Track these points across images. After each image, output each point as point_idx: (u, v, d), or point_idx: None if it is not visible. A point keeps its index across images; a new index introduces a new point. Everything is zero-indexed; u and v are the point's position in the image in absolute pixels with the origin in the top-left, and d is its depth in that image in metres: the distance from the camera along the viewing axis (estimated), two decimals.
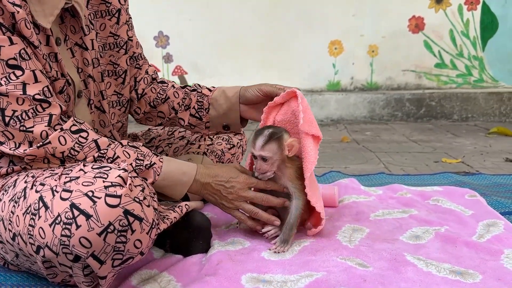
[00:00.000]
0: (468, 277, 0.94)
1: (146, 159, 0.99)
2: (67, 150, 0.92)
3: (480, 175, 1.78)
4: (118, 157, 0.96)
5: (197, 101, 1.26)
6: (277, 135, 1.06)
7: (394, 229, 1.21)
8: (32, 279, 0.98)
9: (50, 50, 0.97)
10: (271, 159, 1.06)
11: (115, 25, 1.16)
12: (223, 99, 1.23)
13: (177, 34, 3.49)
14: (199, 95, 1.26)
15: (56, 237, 0.77)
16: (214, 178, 1.06)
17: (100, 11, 1.13)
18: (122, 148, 0.98)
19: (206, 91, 1.27)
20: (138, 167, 0.97)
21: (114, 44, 1.16)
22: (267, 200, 1.08)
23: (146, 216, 0.81)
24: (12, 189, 0.90)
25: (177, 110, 1.27)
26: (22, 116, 0.88)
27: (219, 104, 1.24)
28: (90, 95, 1.09)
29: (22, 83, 0.88)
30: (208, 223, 1.11)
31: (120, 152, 0.97)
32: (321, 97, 3.40)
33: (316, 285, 0.90)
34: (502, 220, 1.24)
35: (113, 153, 0.96)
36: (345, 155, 2.29)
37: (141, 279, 0.95)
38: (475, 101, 3.33)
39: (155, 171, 0.99)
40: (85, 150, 0.93)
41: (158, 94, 1.28)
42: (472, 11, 3.36)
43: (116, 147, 0.97)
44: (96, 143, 0.95)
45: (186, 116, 1.27)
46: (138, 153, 0.99)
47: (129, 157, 0.97)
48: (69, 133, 0.92)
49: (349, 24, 3.42)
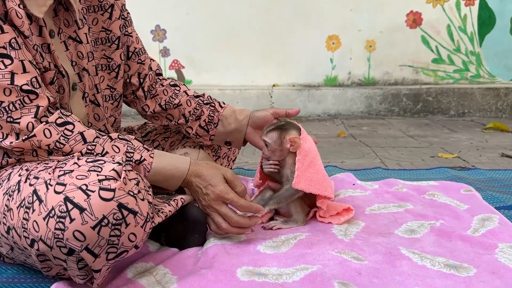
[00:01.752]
0: (462, 271, 0.94)
1: (137, 153, 0.97)
2: (53, 143, 0.91)
3: (476, 170, 1.79)
4: (107, 152, 0.94)
5: (208, 115, 1.30)
6: (283, 127, 1.17)
7: (389, 223, 1.21)
8: (28, 272, 0.98)
9: (42, 41, 0.96)
10: (271, 146, 1.17)
11: (108, 20, 1.16)
12: (232, 119, 1.30)
13: (174, 28, 3.48)
14: (212, 109, 1.31)
15: (50, 231, 0.76)
16: (197, 178, 1.02)
17: (93, 6, 1.13)
18: (112, 142, 0.96)
19: (218, 107, 1.32)
20: (128, 163, 0.95)
21: (106, 39, 1.16)
22: (236, 223, 1.02)
23: (140, 210, 0.81)
24: (6, 182, 0.90)
25: (188, 119, 1.30)
26: (9, 107, 0.88)
27: (228, 122, 1.30)
28: (84, 88, 1.09)
29: (10, 72, 0.87)
30: (204, 216, 1.11)
31: (109, 147, 0.95)
32: (319, 92, 3.40)
33: (311, 278, 0.90)
34: (497, 215, 1.24)
35: (101, 149, 0.94)
36: (342, 149, 2.29)
37: (136, 272, 0.95)
38: (471, 96, 3.34)
39: (145, 167, 0.97)
40: (70, 143, 0.92)
41: (170, 97, 1.30)
42: (469, 6, 3.36)
43: (105, 142, 0.95)
44: (82, 135, 0.93)
45: (195, 125, 1.31)
46: (128, 147, 0.97)
47: (118, 151, 0.95)
48: (54, 126, 0.91)
49: (346, 19, 3.41)
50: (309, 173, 1.15)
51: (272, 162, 1.19)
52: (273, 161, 1.19)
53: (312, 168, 1.16)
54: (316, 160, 1.18)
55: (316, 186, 1.15)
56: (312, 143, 1.20)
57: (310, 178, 1.15)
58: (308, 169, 1.15)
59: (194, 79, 3.54)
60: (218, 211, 1.02)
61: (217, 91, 3.38)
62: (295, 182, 1.13)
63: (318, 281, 0.89)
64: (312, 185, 1.15)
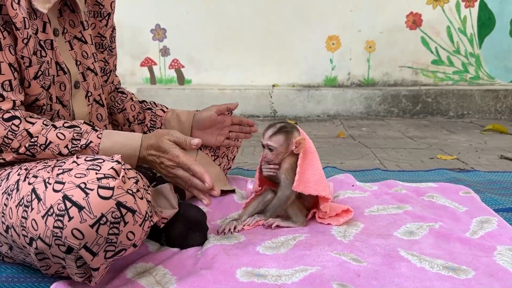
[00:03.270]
0: (461, 273, 0.94)
1: (84, 138, 0.95)
2: (1, 139, 0.92)
3: (474, 172, 1.78)
4: (51, 142, 0.93)
5: (150, 119, 1.34)
6: (287, 129, 1.16)
7: (388, 224, 1.21)
8: (27, 271, 0.98)
9: (46, 37, 0.98)
10: (276, 149, 1.15)
11: (104, 27, 1.21)
12: (175, 122, 1.35)
13: (174, 27, 3.47)
14: (153, 115, 1.35)
15: (49, 229, 0.77)
16: (149, 150, 1.00)
17: (93, 11, 1.17)
18: (56, 131, 0.94)
19: (160, 112, 1.36)
20: (74, 148, 0.94)
21: (100, 45, 1.21)
22: (190, 183, 1.00)
23: (139, 208, 0.81)
24: (5, 182, 0.90)
25: (131, 123, 1.34)
26: None
27: (171, 126, 1.34)
28: (88, 88, 1.11)
29: None
30: (204, 216, 1.11)
31: (52, 136, 0.93)
32: (318, 92, 3.40)
33: (310, 279, 0.90)
34: (495, 217, 1.24)
35: (44, 139, 0.93)
36: (341, 150, 2.29)
37: (136, 272, 0.95)
38: (471, 98, 3.34)
39: (93, 149, 0.95)
40: (18, 138, 0.92)
41: (116, 102, 1.34)
42: (469, 8, 3.36)
43: (48, 131, 0.94)
44: (28, 132, 0.93)
45: (139, 130, 1.34)
46: (75, 133, 0.95)
47: (63, 138, 0.94)
48: (2, 121, 0.91)
49: (346, 20, 3.41)
50: (308, 174, 1.15)
51: (273, 167, 1.18)
52: (273, 166, 1.18)
53: (310, 170, 1.16)
54: (315, 161, 1.18)
55: (314, 187, 1.15)
56: (311, 143, 1.20)
57: (308, 179, 1.15)
58: (306, 171, 1.15)
59: (193, 78, 3.53)
60: (177, 175, 1.00)
61: (216, 90, 3.38)
62: (295, 185, 1.14)
63: (317, 282, 0.89)
64: (310, 186, 1.15)
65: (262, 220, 1.19)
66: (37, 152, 0.94)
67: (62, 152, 0.94)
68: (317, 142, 1.29)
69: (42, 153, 0.94)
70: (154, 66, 3.53)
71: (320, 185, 1.16)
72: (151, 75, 3.54)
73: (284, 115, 3.36)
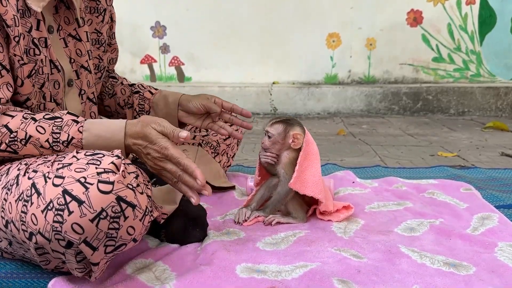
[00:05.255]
0: (462, 269, 0.94)
1: (64, 131, 0.90)
2: None
3: (475, 169, 1.78)
4: (31, 136, 0.90)
5: (138, 104, 1.31)
6: (289, 121, 1.19)
7: (389, 221, 1.21)
8: (27, 267, 0.98)
9: (40, 34, 0.97)
10: (274, 137, 1.18)
11: (100, 23, 1.19)
12: (162, 104, 1.28)
13: (174, 24, 3.46)
14: (141, 98, 1.32)
15: (48, 223, 0.76)
16: (134, 139, 0.93)
17: (90, 7, 1.16)
18: (36, 124, 0.90)
19: (148, 94, 1.32)
20: (56, 143, 0.90)
21: (96, 41, 1.19)
22: (179, 178, 0.93)
23: (139, 203, 0.81)
24: (5, 177, 0.89)
25: (122, 107, 1.33)
26: None
27: (159, 108, 1.28)
28: (82, 86, 1.10)
29: None
30: (204, 212, 1.11)
31: (32, 130, 0.90)
32: (318, 90, 3.39)
33: (310, 275, 0.90)
34: (496, 214, 1.24)
35: (24, 134, 0.90)
36: (341, 148, 2.28)
37: (136, 268, 0.95)
38: (471, 95, 3.33)
39: (76, 146, 0.91)
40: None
41: (106, 88, 1.33)
42: (470, 5, 3.35)
43: (27, 125, 0.90)
44: (6, 127, 0.89)
45: (130, 114, 1.32)
46: (54, 126, 0.90)
47: (44, 132, 0.90)
48: None
49: (347, 17, 3.40)
50: (306, 174, 1.16)
51: (270, 154, 1.19)
52: (270, 154, 1.19)
53: (310, 170, 1.17)
54: (315, 163, 1.19)
55: (311, 188, 1.16)
56: (315, 146, 1.20)
57: (306, 179, 1.15)
58: (306, 170, 1.15)
59: (193, 76, 3.53)
60: (165, 168, 0.93)
61: (216, 88, 3.38)
62: (292, 182, 1.14)
63: (317, 278, 0.89)
64: (307, 187, 1.16)
65: (262, 216, 1.19)
66: (18, 148, 0.90)
67: (44, 146, 0.90)
68: (318, 140, 1.29)
69: (24, 148, 0.90)
70: (154, 64, 3.53)
71: (317, 187, 1.16)
72: (151, 72, 3.53)
73: (284, 112, 3.36)
